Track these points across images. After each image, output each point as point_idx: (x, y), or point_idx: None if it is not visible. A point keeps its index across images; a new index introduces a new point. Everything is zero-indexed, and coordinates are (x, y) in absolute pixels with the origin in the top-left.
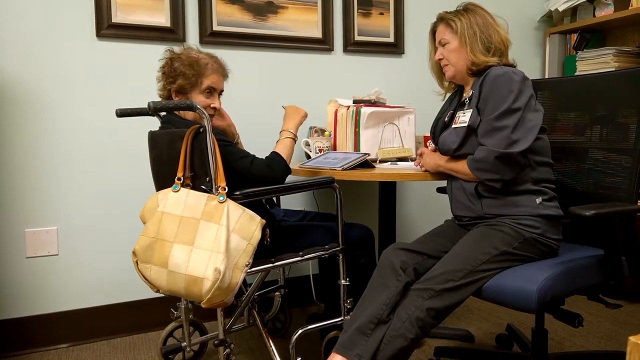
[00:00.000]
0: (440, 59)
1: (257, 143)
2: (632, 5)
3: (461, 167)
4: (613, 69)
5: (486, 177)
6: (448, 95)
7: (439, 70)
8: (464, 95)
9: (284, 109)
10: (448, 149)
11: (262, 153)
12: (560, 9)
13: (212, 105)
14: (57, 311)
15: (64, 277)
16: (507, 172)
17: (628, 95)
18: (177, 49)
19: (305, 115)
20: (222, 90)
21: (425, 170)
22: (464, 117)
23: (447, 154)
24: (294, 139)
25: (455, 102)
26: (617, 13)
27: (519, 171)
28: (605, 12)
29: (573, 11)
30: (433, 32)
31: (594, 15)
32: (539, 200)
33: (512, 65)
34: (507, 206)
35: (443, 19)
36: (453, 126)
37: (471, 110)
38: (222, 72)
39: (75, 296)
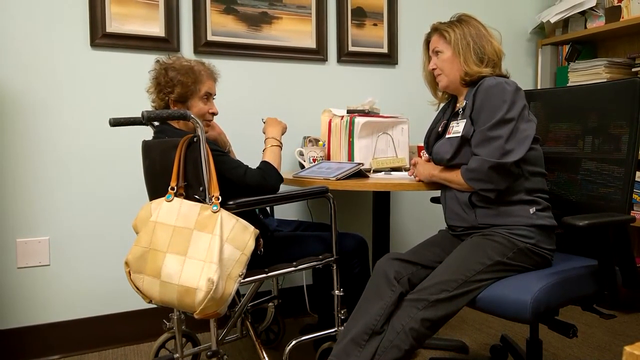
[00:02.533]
0: (433, 69)
1: (250, 152)
2: (623, 17)
3: (455, 177)
4: (605, 80)
5: (480, 186)
6: (442, 105)
7: (432, 80)
8: (458, 105)
9: (264, 122)
10: (442, 158)
11: (255, 162)
12: (552, 20)
13: (210, 111)
14: (48, 322)
15: (55, 288)
16: (500, 181)
17: (619, 106)
18: (164, 58)
19: (286, 127)
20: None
21: (419, 180)
22: (457, 127)
23: (441, 164)
24: (280, 146)
25: (449, 112)
26: (608, 25)
27: (513, 181)
28: (597, 24)
29: (565, 23)
30: (427, 42)
31: (586, 27)
32: (532, 210)
33: (505, 76)
34: (500, 216)
35: (437, 29)
36: (447, 136)
37: (465, 120)
38: (214, 76)
39: (67, 307)
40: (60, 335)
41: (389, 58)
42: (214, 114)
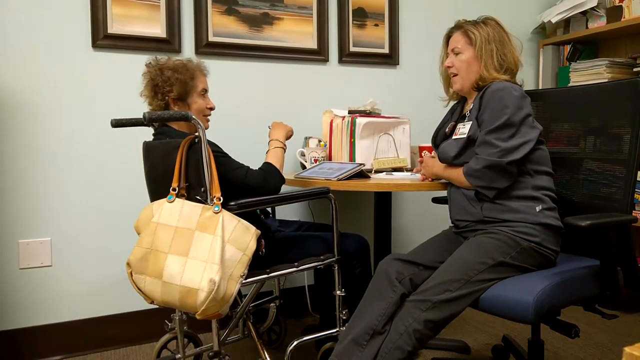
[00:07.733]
0: (449, 67)
1: (251, 153)
2: (624, 17)
3: (457, 174)
4: (606, 80)
5: (479, 184)
6: (451, 103)
7: (447, 76)
8: (466, 107)
9: (269, 128)
10: (447, 157)
11: (256, 163)
12: (553, 20)
13: (208, 106)
14: (50, 323)
15: (57, 289)
16: (499, 180)
17: (621, 106)
18: (153, 60)
19: (292, 131)
20: None
21: (425, 178)
22: (463, 129)
23: (446, 162)
24: (284, 149)
25: (457, 114)
26: (609, 25)
27: (512, 180)
28: (598, 24)
29: (566, 23)
30: (448, 36)
31: (587, 27)
32: (539, 208)
33: (516, 84)
34: (506, 212)
35: (461, 27)
36: (453, 137)
37: (471, 122)
38: (205, 72)
39: (69, 307)
40: (62, 336)
41: (390, 58)
42: (211, 109)
